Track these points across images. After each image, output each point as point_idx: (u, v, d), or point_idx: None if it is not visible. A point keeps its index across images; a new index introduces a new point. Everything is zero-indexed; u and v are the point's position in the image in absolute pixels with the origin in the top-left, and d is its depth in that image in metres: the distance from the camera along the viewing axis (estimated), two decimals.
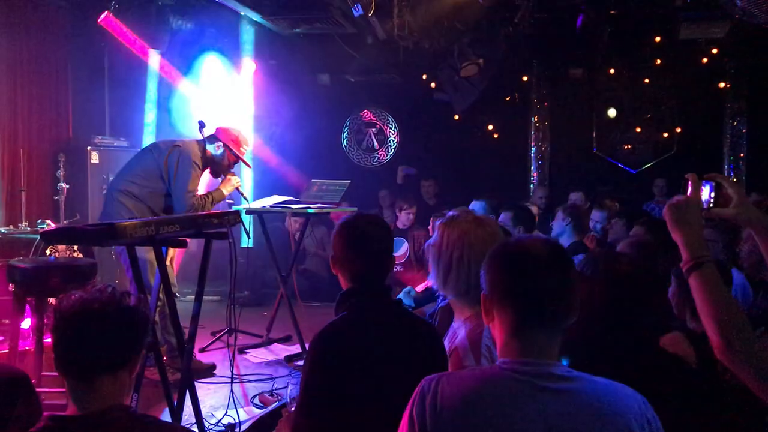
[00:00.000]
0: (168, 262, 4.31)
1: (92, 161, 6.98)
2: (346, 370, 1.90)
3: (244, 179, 8.41)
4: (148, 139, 8.16)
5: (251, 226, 6.35)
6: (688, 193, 1.76)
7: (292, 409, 2.19)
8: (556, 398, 1.39)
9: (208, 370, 4.65)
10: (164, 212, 4.56)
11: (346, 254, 2.12)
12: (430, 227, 5.19)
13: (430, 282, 2.23)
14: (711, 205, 1.77)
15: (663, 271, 2.86)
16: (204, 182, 5.22)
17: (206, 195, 4.63)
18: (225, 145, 4.69)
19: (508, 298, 1.48)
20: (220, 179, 4.84)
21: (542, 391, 1.40)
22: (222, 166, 4.76)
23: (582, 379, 1.45)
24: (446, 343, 2.18)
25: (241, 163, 4.83)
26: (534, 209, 5.61)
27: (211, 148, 4.70)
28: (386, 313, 2.10)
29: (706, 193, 1.77)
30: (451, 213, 2.28)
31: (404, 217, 6.81)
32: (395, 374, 1.92)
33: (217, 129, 4.80)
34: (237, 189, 4.86)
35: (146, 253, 4.08)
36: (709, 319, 1.62)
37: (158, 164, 4.50)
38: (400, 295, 4.02)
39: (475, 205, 5.07)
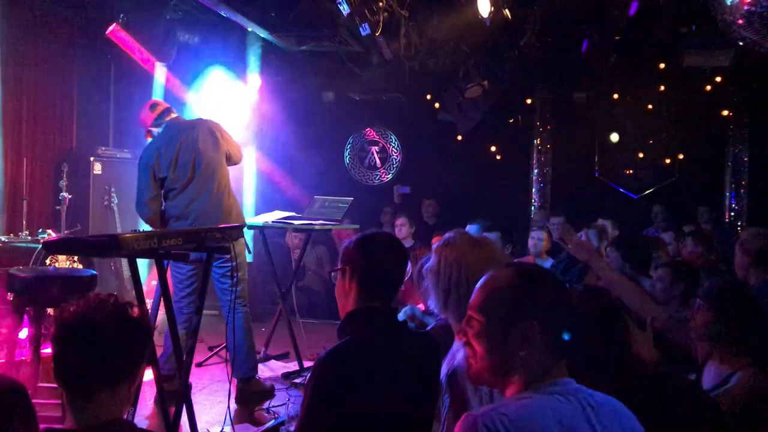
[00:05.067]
0: None
1: (95, 172, 6.97)
2: (351, 395, 1.85)
3: (246, 192, 8.43)
4: None
5: (252, 241, 6.35)
6: None
7: (291, 428, 2.17)
8: (598, 413, 1.41)
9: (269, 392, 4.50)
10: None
11: (369, 270, 2.07)
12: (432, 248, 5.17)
13: (430, 305, 2.20)
14: None
15: None
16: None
17: None
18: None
19: (556, 334, 1.47)
20: None
21: (587, 409, 1.41)
22: None
23: (594, 393, 1.47)
24: (444, 365, 2.16)
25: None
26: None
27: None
28: (392, 335, 2.07)
29: None
30: (447, 235, 2.24)
31: (397, 231, 6.74)
32: (400, 399, 1.89)
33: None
34: None
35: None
36: None
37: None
38: (401, 315, 3.98)
39: (470, 229, 5.11)
